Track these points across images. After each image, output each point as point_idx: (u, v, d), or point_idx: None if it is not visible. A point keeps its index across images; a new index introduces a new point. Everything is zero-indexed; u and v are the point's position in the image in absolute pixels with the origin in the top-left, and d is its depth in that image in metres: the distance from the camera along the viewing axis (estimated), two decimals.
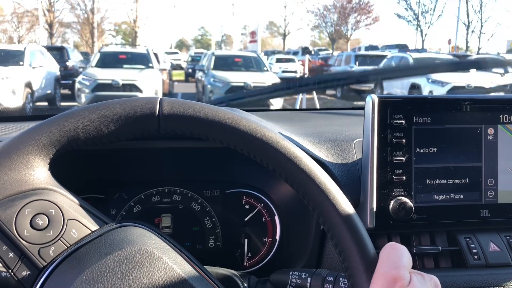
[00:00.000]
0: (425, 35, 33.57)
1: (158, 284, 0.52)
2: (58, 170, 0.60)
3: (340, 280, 0.68)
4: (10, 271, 0.53)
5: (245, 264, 0.95)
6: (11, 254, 0.53)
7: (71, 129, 0.56)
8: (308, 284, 0.70)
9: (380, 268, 0.52)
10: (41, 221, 0.55)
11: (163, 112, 0.57)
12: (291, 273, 0.73)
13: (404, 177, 0.80)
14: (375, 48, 27.78)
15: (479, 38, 31.21)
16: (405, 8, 34.40)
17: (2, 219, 0.53)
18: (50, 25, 29.54)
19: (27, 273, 0.54)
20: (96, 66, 10.29)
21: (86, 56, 20.25)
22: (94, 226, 0.57)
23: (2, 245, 0.53)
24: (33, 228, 0.54)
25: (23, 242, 0.54)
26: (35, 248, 0.54)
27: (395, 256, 0.54)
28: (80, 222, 0.56)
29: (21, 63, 9.56)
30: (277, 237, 0.96)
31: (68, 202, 0.57)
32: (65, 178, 0.61)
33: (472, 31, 31.15)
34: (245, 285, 0.74)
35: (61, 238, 0.55)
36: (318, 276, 0.70)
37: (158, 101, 0.58)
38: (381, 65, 13.28)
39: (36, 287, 0.53)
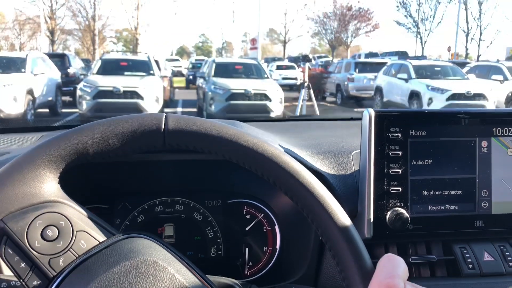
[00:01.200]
0: (425, 42, 33.69)
1: None
2: (65, 181, 0.62)
3: None
4: (21, 280, 0.56)
5: (246, 272, 0.97)
6: (22, 264, 0.56)
7: (80, 144, 0.58)
8: None
9: (375, 277, 0.55)
10: (51, 232, 0.57)
11: (169, 128, 0.60)
12: None
13: (400, 189, 0.83)
14: (375, 55, 27.86)
15: (479, 45, 31.31)
16: (405, 16, 34.56)
17: (14, 230, 0.56)
18: (52, 32, 29.68)
19: (38, 282, 0.56)
20: (97, 73, 10.34)
21: (87, 63, 20.34)
22: (101, 237, 0.60)
23: (14, 255, 0.56)
24: (44, 239, 0.57)
25: (34, 252, 0.56)
26: (46, 258, 0.56)
27: (391, 267, 0.56)
28: (88, 234, 0.59)
29: (22, 70, 9.61)
30: (277, 246, 0.98)
31: (77, 214, 0.60)
32: (71, 189, 0.63)
33: (472, 38, 31.26)
34: None
35: (70, 249, 0.57)
36: None
37: (164, 117, 0.61)
38: (381, 72, 13.33)
39: None
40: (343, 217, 0.59)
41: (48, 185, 0.58)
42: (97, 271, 0.55)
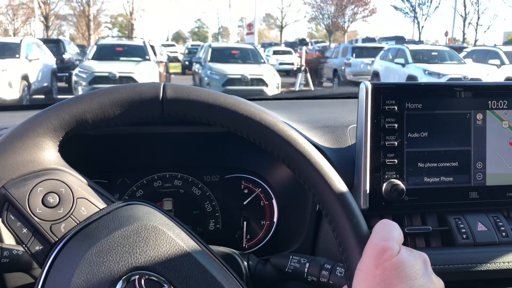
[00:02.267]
0: (422, 27, 33.57)
1: (163, 257, 0.56)
2: (65, 156, 0.63)
3: (337, 269, 0.71)
4: (24, 245, 0.57)
5: (244, 245, 0.99)
6: (24, 230, 0.57)
7: (79, 112, 0.59)
8: (306, 269, 0.73)
9: (371, 240, 0.56)
10: (52, 199, 0.58)
11: (167, 97, 0.60)
12: (291, 257, 0.76)
13: (396, 161, 0.84)
14: (372, 40, 27.76)
15: (476, 30, 31.23)
16: (402, 0, 34.36)
17: (16, 197, 0.56)
18: (46, 18, 29.37)
19: (40, 247, 0.57)
20: (93, 58, 10.28)
21: (83, 48, 20.20)
22: (102, 204, 0.61)
23: (16, 221, 0.57)
24: (45, 206, 0.57)
25: (36, 218, 0.57)
26: (47, 224, 0.57)
27: (386, 230, 0.57)
28: (88, 201, 0.60)
29: (17, 55, 9.54)
30: (275, 219, 1.00)
31: (77, 181, 0.61)
32: (71, 163, 0.64)
33: (469, 23, 31.16)
34: (245, 263, 0.78)
35: (71, 215, 0.58)
36: (316, 263, 0.73)
37: (162, 86, 0.61)
38: (378, 57, 13.29)
39: (48, 260, 0.56)
40: (339, 184, 0.60)
41: (48, 153, 0.59)
42: (98, 236, 0.56)
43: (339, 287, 0.69)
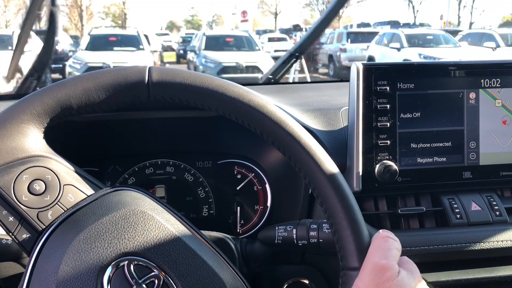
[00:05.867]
0: (417, 11, 33.40)
1: (152, 242, 0.55)
2: (54, 144, 0.62)
3: (323, 226, 0.71)
4: (11, 234, 0.56)
5: (238, 231, 0.98)
6: (11, 218, 0.56)
7: (63, 97, 0.58)
8: (294, 235, 0.73)
9: (370, 256, 0.54)
10: (38, 186, 0.57)
11: (152, 80, 0.59)
12: (277, 227, 0.76)
13: (389, 142, 0.83)
14: (367, 25, 27.64)
15: (471, 13, 31.09)
16: None
17: (1, 185, 0.55)
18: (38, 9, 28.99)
19: (27, 235, 0.56)
20: (86, 49, 10.21)
21: (76, 39, 20.00)
22: (89, 191, 0.60)
23: (2, 209, 0.56)
24: (31, 193, 0.57)
25: (22, 206, 0.56)
26: (34, 212, 0.56)
27: (385, 247, 0.56)
28: (76, 187, 0.59)
29: (9, 47, 9.44)
30: (268, 204, 0.99)
31: (63, 168, 0.60)
32: (61, 152, 0.63)
33: (464, 6, 31.00)
34: (237, 246, 0.77)
35: (58, 203, 0.57)
36: (302, 226, 0.73)
37: (147, 69, 0.60)
38: (373, 42, 13.23)
39: (36, 248, 0.55)
40: (330, 165, 0.59)
41: (33, 140, 0.58)
42: (86, 222, 0.55)
43: (329, 243, 0.69)
